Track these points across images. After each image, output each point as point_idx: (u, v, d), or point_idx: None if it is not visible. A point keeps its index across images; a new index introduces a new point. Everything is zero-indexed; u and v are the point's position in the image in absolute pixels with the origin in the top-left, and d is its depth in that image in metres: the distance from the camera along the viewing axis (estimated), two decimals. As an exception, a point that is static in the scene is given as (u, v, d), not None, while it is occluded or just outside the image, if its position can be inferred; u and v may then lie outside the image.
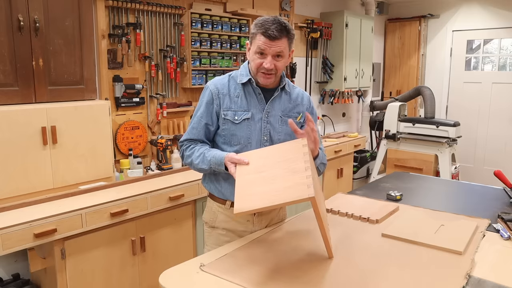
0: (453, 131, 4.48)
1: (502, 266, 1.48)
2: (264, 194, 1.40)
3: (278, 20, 1.61)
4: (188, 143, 1.76)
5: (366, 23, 5.28)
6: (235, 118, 1.70)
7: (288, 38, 1.64)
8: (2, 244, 1.99)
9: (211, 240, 1.84)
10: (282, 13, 4.38)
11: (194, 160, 1.71)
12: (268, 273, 1.40)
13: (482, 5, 5.51)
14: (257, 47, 1.62)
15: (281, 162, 1.51)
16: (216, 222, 1.81)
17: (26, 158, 2.33)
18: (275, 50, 1.61)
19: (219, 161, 1.63)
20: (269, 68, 1.63)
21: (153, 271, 2.66)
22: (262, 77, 1.67)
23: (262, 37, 1.60)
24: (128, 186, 2.69)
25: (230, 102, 1.71)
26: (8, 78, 2.32)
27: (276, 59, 1.63)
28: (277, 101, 1.75)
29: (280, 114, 1.76)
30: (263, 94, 1.73)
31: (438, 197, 2.42)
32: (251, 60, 1.69)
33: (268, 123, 1.73)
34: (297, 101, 1.81)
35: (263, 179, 1.46)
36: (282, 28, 1.60)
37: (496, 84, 5.53)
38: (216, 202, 1.81)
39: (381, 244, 1.64)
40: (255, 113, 1.71)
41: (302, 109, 1.81)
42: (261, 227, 1.82)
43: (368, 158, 5.35)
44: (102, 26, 2.88)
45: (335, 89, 5.02)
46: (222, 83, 1.74)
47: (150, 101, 3.27)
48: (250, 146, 1.71)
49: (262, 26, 1.60)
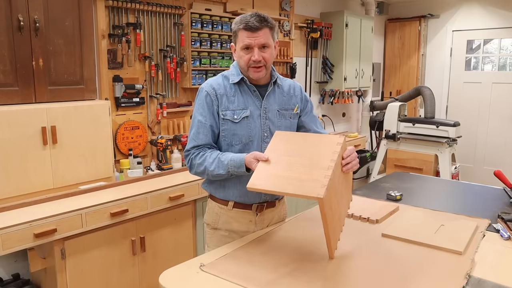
0: (453, 131, 4.47)
1: (502, 266, 1.48)
2: (280, 178, 1.41)
3: (256, 13, 1.64)
4: (197, 151, 1.69)
5: (366, 23, 5.28)
6: (235, 117, 1.69)
7: (270, 28, 1.65)
8: (2, 244, 1.99)
9: (213, 241, 1.82)
10: (282, 13, 4.38)
11: (209, 166, 1.64)
12: (268, 273, 1.40)
13: (482, 5, 5.51)
14: (242, 43, 1.64)
15: (311, 152, 1.49)
16: (219, 224, 1.79)
17: (26, 158, 2.33)
18: (259, 41, 1.63)
19: (238, 163, 1.58)
20: (257, 60, 1.64)
21: (153, 271, 2.66)
22: (253, 71, 1.67)
23: (244, 32, 1.62)
24: (128, 186, 2.69)
25: (228, 101, 1.70)
26: (8, 78, 2.32)
27: (262, 50, 1.64)
28: (272, 96, 1.76)
29: (277, 108, 1.76)
30: (258, 91, 1.74)
31: (438, 197, 2.42)
32: (239, 58, 1.69)
33: (267, 119, 1.73)
34: (290, 93, 1.82)
35: (287, 163, 1.46)
36: (262, 19, 1.63)
37: (496, 84, 5.53)
38: (218, 203, 1.79)
39: (381, 244, 1.64)
40: (253, 110, 1.71)
41: (296, 100, 1.82)
42: (263, 227, 1.82)
43: (368, 158, 5.35)
44: (102, 26, 2.88)
45: (335, 89, 5.02)
46: (217, 83, 1.73)
47: (150, 101, 3.27)
48: (251, 144, 1.71)
49: (242, 22, 1.63)
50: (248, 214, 1.77)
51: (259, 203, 1.77)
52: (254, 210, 1.77)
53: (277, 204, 1.85)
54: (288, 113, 1.79)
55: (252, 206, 1.76)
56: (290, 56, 4.51)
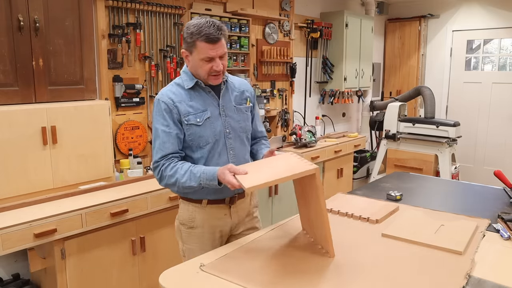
0: (453, 131, 4.47)
1: (502, 266, 1.48)
2: (269, 173, 1.51)
3: (212, 22, 1.68)
4: (166, 162, 1.70)
5: (366, 23, 5.28)
6: (198, 120, 1.74)
7: (225, 36, 1.72)
8: (2, 244, 1.99)
9: (192, 239, 1.84)
10: (282, 13, 4.39)
11: (180, 178, 1.67)
12: (268, 273, 1.40)
13: (482, 5, 5.51)
14: (204, 55, 1.68)
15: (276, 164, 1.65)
16: (195, 222, 1.83)
17: (26, 158, 2.33)
18: (219, 52, 1.69)
19: (211, 176, 1.62)
20: (219, 70, 1.71)
21: (153, 271, 2.66)
22: (213, 79, 1.74)
23: (204, 44, 1.66)
24: (128, 186, 2.69)
25: (187, 107, 1.74)
26: (8, 78, 2.32)
27: (221, 59, 1.72)
28: (226, 94, 1.84)
29: (234, 104, 1.85)
30: (214, 91, 1.81)
31: (438, 197, 2.42)
32: (197, 67, 1.72)
33: (227, 116, 1.81)
34: (241, 87, 1.92)
35: (264, 169, 1.61)
36: (218, 29, 1.67)
37: (496, 84, 5.53)
38: (191, 203, 1.82)
39: (381, 244, 1.64)
40: (212, 110, 1.78)
41: (248, 94, 1.92)
42: (239, 219, 1.88)
43: (368, 158, 5.35)
44: (102, 26, 2.89)
45: (335, 89, 5.02)
46: (172, 92, 1.76)
47: (150, 101, 3.27)
48: (217, 143, 1.77)
49: (201, 33, 1.65)
50: (222, 208, 1.83)
51: (231, 196, 1.83)
52: (227, 203, 1.83)
53: (247, 193, 1.90)
54: (243, 107, 1.88)
55: (225, 200, 1.82)
56: (290, 56, 4.51)
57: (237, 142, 1.83)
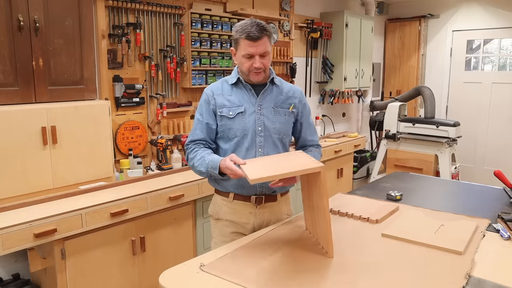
0: (453, 131, 4.47)
1: (502, 266, 1.48)
2: (275, 169, 1.55)
3: (255, 22, 1.78)
4: (193, 146, 1.88)
5: (366, 23, 5.28)
6: (230, 113, 1.86)
7: (268, 36, 1.81)
8: (2, 244, 1.99)
9: (216, 231, 1.97)
10: (282, 13, 4.38)
11: (195, 162, 1.83)
12: (268, 273, 1.40)
13: (482, 5, 5.51)
14: (244, 51, 1.79)
15: (284, 159, 1.70)
16: (220, 214, 1.93)
17: (26, 158, 2.33)
18: (260, 50, 1.78)
19: (214, 164, 1.75)
20: (259, 67, 1.80)
21: (153, 271, 2.66)
22: (254, 75, 1.84)
23: (245, 41, 1.77)
24: (128, 186, 2.68)
25: (224, 100, 1.88)
26: (8, 78, 2.32)
27: (262, 57, 1.80)
28: (268, 94, 1.91)
29: (273, 105, 1.91)
30: (255, 89, 1.89)
31: (438, 197, 2.42)
32: (240, 63, 1.85)
33: (262, 115, 1.88)
34: (289, 93, 1.97)
35: (271, 164, 1.66)
36: (261, 29, 1.77)
37: (496, 84, 5.53)
38: (220, 196, 1.94)
39: (381, 244, 1.64)
40: (247, 107, 1.87)
41: (295, 101, 1.97)
42: (263, 220, 1.90)
43: (368, 158, 5.35)
44: (102, 26, 2.88)
45: (335, 89, 5.03)
46: (216, 86, 1.93)
47: (150, 101, 3.27)
48: (246, 138, 1.85)
49: (244, 31, 1.76)
50: (248, 206, 1.89)
51: (257, 196, 1.88)
52: (253, 202, 1.88)
53: (278, 199, 1.94)
54: (283, 110, 1.93)
55: (251, 198, 1.88)
56: (290, 56, 4.51)
57: (268, 141, 1.88)
